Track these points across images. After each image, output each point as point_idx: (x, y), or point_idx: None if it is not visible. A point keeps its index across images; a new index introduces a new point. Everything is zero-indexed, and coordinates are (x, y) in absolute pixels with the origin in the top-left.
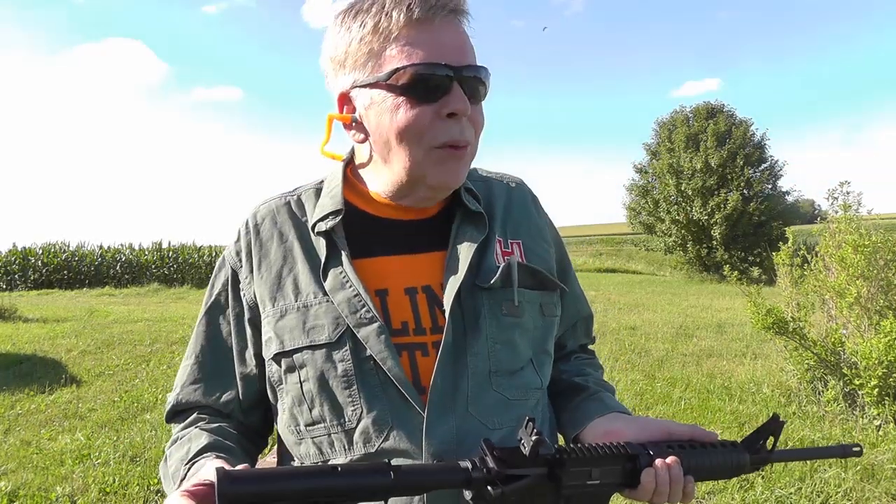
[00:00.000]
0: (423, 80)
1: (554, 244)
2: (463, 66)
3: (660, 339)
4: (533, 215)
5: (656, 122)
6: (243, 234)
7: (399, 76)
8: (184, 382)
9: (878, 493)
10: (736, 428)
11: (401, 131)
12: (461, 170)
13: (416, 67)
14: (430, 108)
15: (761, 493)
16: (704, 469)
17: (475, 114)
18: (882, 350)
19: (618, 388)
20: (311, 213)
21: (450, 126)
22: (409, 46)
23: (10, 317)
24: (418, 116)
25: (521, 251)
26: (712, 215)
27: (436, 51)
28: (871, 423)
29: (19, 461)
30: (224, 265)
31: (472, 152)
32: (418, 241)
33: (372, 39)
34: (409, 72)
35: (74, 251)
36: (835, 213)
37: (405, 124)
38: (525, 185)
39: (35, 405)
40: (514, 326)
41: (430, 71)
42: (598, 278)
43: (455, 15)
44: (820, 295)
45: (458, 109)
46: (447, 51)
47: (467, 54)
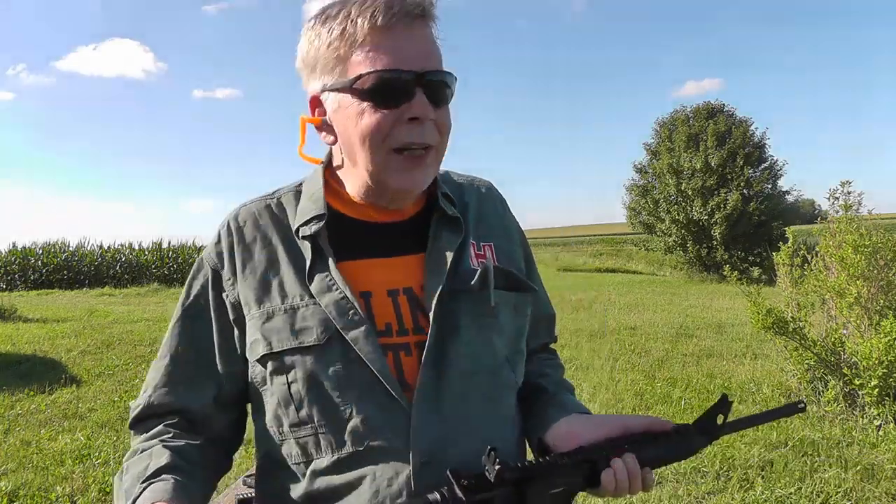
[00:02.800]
0: (385, 85)
1: (521, 245)
2: (426, 72)
3: (660, 339)
4: (502, 218)
5: (656, 121)
6: (224, 236)
7: (363, 81)
8: (157, 384)
9: (878, 493)
10: None
11: (364, 135)
12: (424, 173)
13: (378, 73)
14: (392, 112)
15: (761, 493)
16: (661, 458)
17: (440, 117)
18: (882, 350)
19: (618, 388)
20: (293, 216)
21: (412, 129)
22: (373, 52)
23: (9, 317)
24: (381, 121)
25: (493, 253)
26: (712, 215)
27: (398, 57)
28: (871, 423)
29: (19, 461)
30: (203, 267)
31: (438, 155)
32: (397, 243)
33: (339, 45)
34: (372, 77)
35: (74, 251)
36: (835, 213)
37: (368, 128)
38: (494, 189)
39: (35, 405)
40: (491, 327)
41: (392, 76)
42: (598, 278)
43: (420, 20)
44: (820, 295)
45: (420, 114)
46: (410, 56)
47: (431, 59)
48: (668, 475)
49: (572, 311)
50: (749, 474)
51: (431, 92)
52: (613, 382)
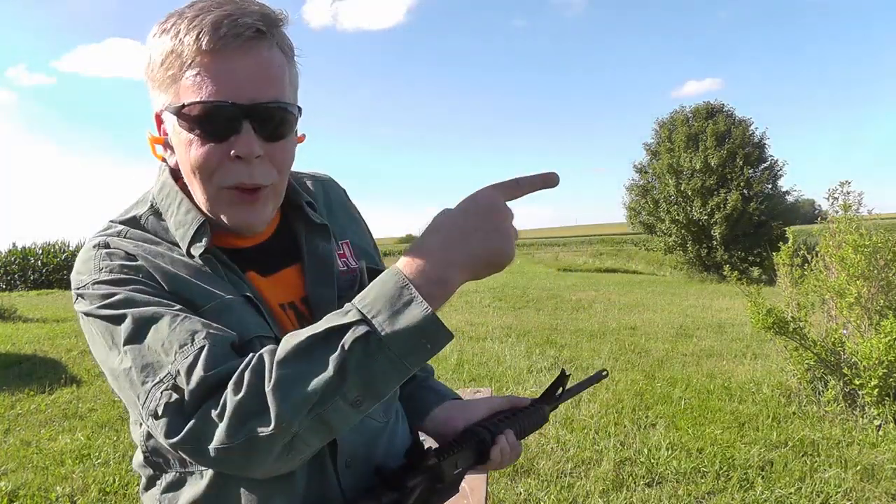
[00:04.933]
0: (209, 117)
1: (368, 233)
2: (256, 104)
3: (660, 339)
4: (349, 208)
5: (656, 122)
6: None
7: (189, 109)
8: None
9: (878, 493)
10: (736, 428)
11: (193, 168)
12: (260, 212)
13: (202, 105)
14: (219, 147)
15: (761, 493)
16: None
17: (275, 152)
18: (882, 350)
19: (617, 388)
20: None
21: (238, 168)
22: (200, 78)
23: (9, 317)
24: (207, 155)
25: (350, 250)
26: (712, 215)
27: (225, 85)
28: (871, 423)
29: (19, 461)
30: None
31: (275, 193)
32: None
33: (171, 64)
34: (197, 108)
35: (74, 251)
36: (835, 213)
37: (195, 162)
38: (335, 181)
39: (35, 405)
40: None
41: (215, 109)
42: (598, 278)
43: (255, 41)
44: (820, 295)
45: (244, 153)
46: (238, 85)
47: (265, 87)
48: (669, 475)
49: (572, 311)
50: (749, 474)
51: (262, 125)
52: (613, 382)
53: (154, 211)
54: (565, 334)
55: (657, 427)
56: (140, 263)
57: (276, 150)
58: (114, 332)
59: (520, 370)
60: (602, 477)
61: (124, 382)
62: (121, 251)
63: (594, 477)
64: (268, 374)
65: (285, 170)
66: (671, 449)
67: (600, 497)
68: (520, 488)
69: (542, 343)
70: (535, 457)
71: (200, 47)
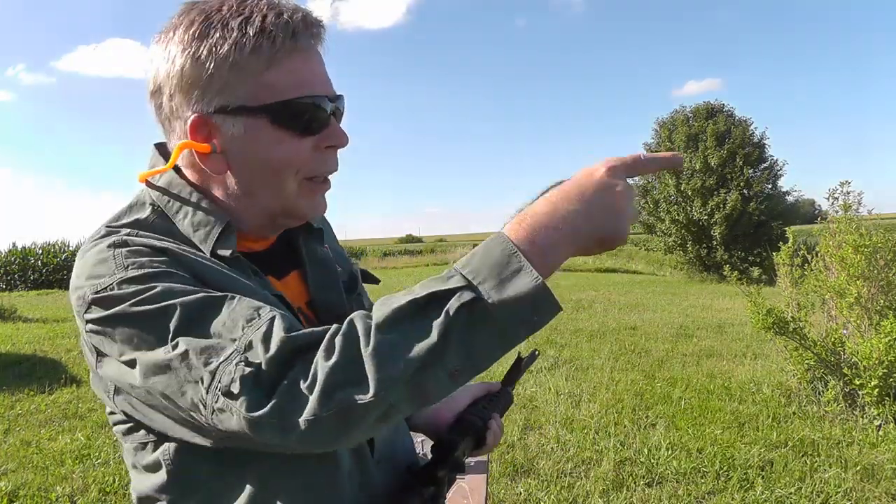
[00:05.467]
0: (307, 113)
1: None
2: (337, 97)
3: (660, 339)
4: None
5: (656, 122)
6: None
7: (282, 107)
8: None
9: (878, 493)
10: (736, 428)
11: (280, 164)
12: (325, 198)
13: (302, 100)
14: (310, 140)
15: (761, 493)
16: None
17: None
18: (882, 350)
19: (618, 388)
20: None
21: (328, 158)
22: (291, 76)
23: (10, 317)
24: (299, 149)
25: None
26: (712, 215)
27: (317, 82)
28: (871, 423)
29: (19, 461)
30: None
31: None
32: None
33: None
34: (294, 104)
35: (74, 251)
36: (835, 213)
37: (286, 158)
38: None
39: (35, 405)
40: None
41: (315, 104)
42: (598, 278)
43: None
44: (820, 295)
45: (341, 143)
46: (323, 81)
47: (331, 83)
48: (669, 475)
49: (572, 311)
50: (749, 474)
51: (339, 118)
52: (613, 382)
53: (158, 213)
54: (565, 334)
55: (657, 427)
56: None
57: None
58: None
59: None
60: (602, 477)
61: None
62: (145, 247)
63: (594, 477)
64: (363, 339)
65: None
66: (671, 449)
67: (600, 497)
68: (520, 488)
69: (542, 343)
70: (535, 457)
71: (296, 45)
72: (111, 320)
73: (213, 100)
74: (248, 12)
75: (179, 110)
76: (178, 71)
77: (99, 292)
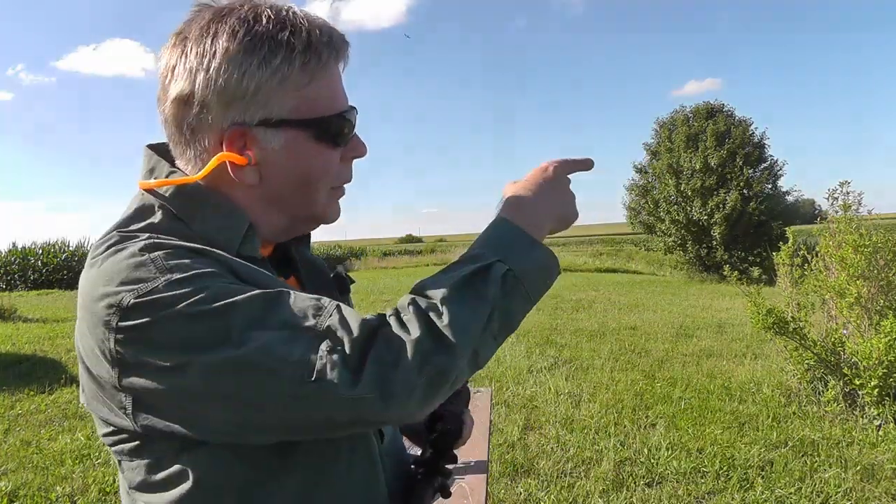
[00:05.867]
0: (345, 125)
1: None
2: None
3: (660, 339)
4: None
5: (656, 122)
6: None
7: (321, 121)
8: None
9: (878, 492)
10: (736, 428)
11: (317, 175)
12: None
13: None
14: (338, 151)
15: (761, 493)
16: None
17: None
18: (882, 350)
19: (618, 388)
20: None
21: (350, 168)
22: (328, 90)
23: (10, 317)
24: (332, 160)
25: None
26: (712, 215)
27: (343, 96)
28: (871, 423)
29: (19, 461)
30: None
31: None
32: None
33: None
34: (334, 119)
35: (74, 251)
36: (835, 213)
37: (322, 168)
38: None
39: (35, 405)
40: None
41: (350, 117)
42: (598, 278)
43: None
44: (820, 295)
45: (362, 153)
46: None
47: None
48: (669, 475)
49: (572, 311)
50: (749, 474)
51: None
52: (613, 382)
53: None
54: (565, 334)
55: (657, 427)
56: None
57: None
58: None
59: (520, 370)
60: (602, 477)
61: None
62: (181, 248)
63: (594, 477)
64: (434, 314)
65: None
66: (671, 449)
67: (600, 497)
68: (520, 488)
69: (542, 343)
70: (535, 457)
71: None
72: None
73: (256, 113)
74: (291, 26)
75: (215, 122)
76: (223, 84)
77: (142, 296)
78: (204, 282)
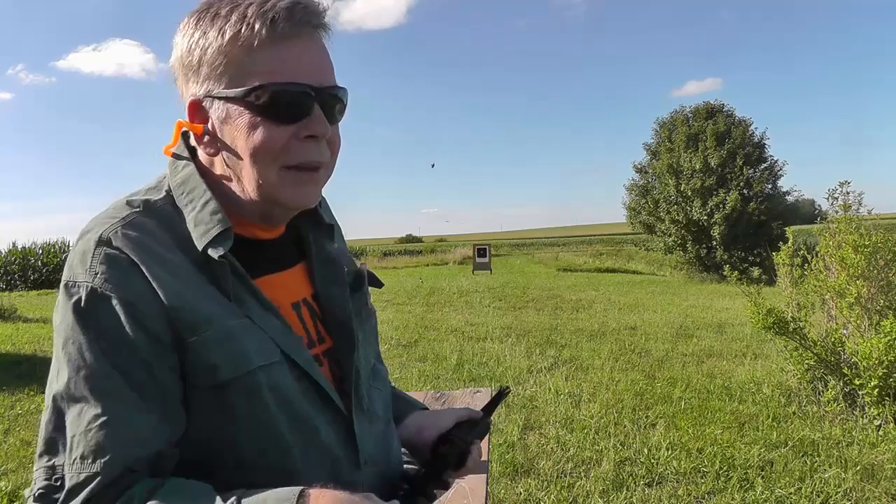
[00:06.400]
0: (284, 100)
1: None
2: (325, 87)
3: (660, 339)
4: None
5: (656, 122)
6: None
7: (259, 94)
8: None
9: (878, 493)
10: (736, 428)
11: (256, 151)
12: (316, 190)
13: (277, 87)
14: (288, 129)
15: (761, 493)
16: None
17: (332, 135)
18: (882, 350)
19: (618, 388)
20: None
21: (308, 148)
22: (271, 63)
23: (10, 317)
24: (276, 137)
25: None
26: (712, 215)
27: (299, 70)
28: (871, 423)
29: (19, 461)
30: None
31: (327, 173)
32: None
33: (230, 50)
34: (270, 91)
35: None
36: (835, 213)
37: (261, 144)
38: None
39: (35, 405)
40: (371, 327)
41: (292, 91)
42: (598, 278)
43: (318, 30)
44: (820, 295)
45: (319, 132)
46: (310, 70)
47: (328, 73)
48: (669, 475)
49: (572, 311)
50: (749, 474)
51: (328, 109)
52: (613, 382)
53: (169, 201)
54: (565, 334)
55: (657, 427)
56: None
57: (334, 132)
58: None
59: (520, 370)
60: (602, 477)
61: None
62: (123, 256)
63: (594, 477)
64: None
65: (337, 152)
66: (671, 449)
67: (600, 497)
68: (520, 488)
69: (542, 343)
70: (535, 457)
71: (275, 31)
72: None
73: (203, 84)
74: (241, 2)
75: (184, 93)
76: (180, 56)
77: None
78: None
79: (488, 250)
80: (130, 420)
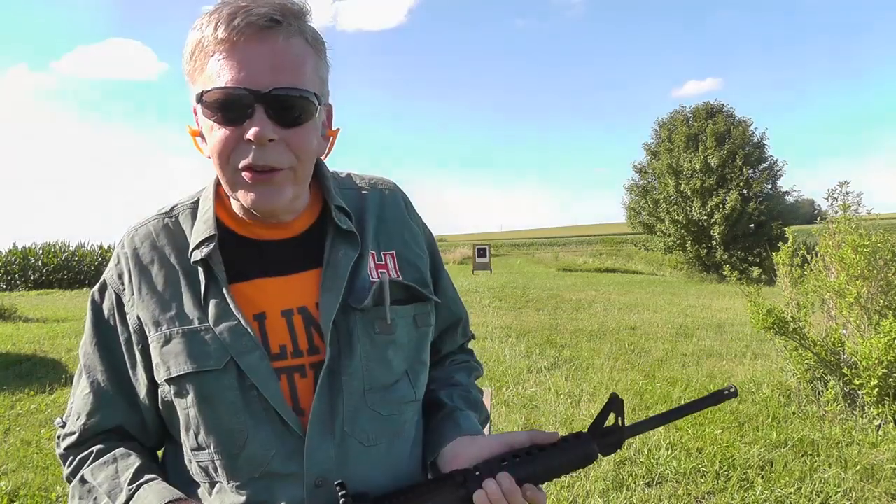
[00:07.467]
0: (222, 103)
1: (428, 251)
2: (270, 90)
3: (660, 339)
4: (407, 222)
5: (656, 122)
6: (122, 257)
7: (209, 96)
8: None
9: (878, 492)
10: (736, 428)
11: (213, 152)
12: (279, 193)
13: (219, 91)
14: (235, 130)
15: (761, 493)
16: (547, 471)
17: (291, 137)
18: (882, 350)
19: (618, 388)
20: (189, 235)
21: (250, 150)
22: (219, 66)
23: (10, 317)
24: (225, 139)
25: (395, 262)
26: (712, 215)
27: (240, 73)
28: (871, 423)
29: (19, 461)
30: (106, 288)
31: (294, 178)
32: (291, 261)
33: (197, 56)
34: (213, 94)
35: (74, 251)
36: (834, 213)
37: (214, 145)
38: (398, 190)
39: (35, 405)
40: (387, 344)
41: (230, 95)
42: (598, 278)
43: (271, 31)
44: (820, 295)
45: (254, 136)
46: (254, 72)
47: (281, 74)
48: (669, 475)
49: (572, 311)
50: (749, 474)
51: (276, 111)
52: (613, 382)
53: (192, 207)
54: (565, 334)
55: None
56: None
57: (293, 135)
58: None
59: (520, 370)
60: (602, 477)
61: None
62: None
63: (594, 477)
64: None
65: (304, 156)
66: (671, 449)
67: (600, 497)
68: None
69: (542, 343)
70: None
71: (218, 37)
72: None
73: (191, 90)
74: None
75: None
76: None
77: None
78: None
79: (488, 250)
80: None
